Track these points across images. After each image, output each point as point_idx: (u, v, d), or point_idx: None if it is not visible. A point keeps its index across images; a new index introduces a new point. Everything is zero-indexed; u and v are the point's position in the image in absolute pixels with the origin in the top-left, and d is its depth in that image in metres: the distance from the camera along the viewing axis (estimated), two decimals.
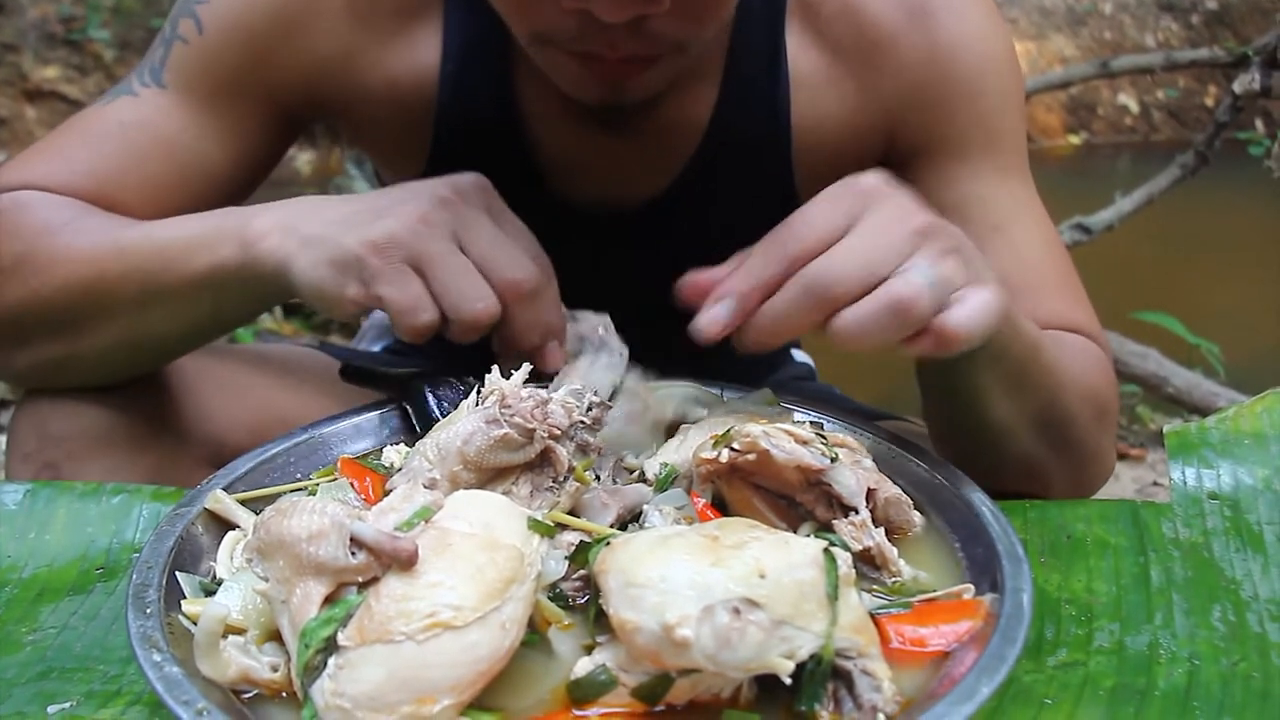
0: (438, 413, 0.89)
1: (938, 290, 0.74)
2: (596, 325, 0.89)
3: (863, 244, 0.75)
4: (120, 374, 0.98)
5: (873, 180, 0.79)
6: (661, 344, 0.90)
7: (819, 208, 0.78)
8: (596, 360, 0.88)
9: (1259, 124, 5.62)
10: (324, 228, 0.84)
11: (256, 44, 1.01)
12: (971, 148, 1.06)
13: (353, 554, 0.60)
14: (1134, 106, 7.01)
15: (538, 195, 0.91)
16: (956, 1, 1.05)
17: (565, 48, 0.87)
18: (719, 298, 0.78)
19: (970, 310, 0.75)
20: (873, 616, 0.65)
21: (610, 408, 0.81)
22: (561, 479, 0.74)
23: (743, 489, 0.76)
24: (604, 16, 0.79)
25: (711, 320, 0.78)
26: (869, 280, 0.74)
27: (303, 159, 5.50)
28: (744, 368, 0.93)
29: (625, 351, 0.91)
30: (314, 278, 0.83)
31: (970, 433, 0.91)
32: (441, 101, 0.99)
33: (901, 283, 0.73)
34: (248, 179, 1.02)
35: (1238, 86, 2.79)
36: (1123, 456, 2.95)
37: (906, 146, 1.08)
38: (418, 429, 0.90)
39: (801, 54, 1.05)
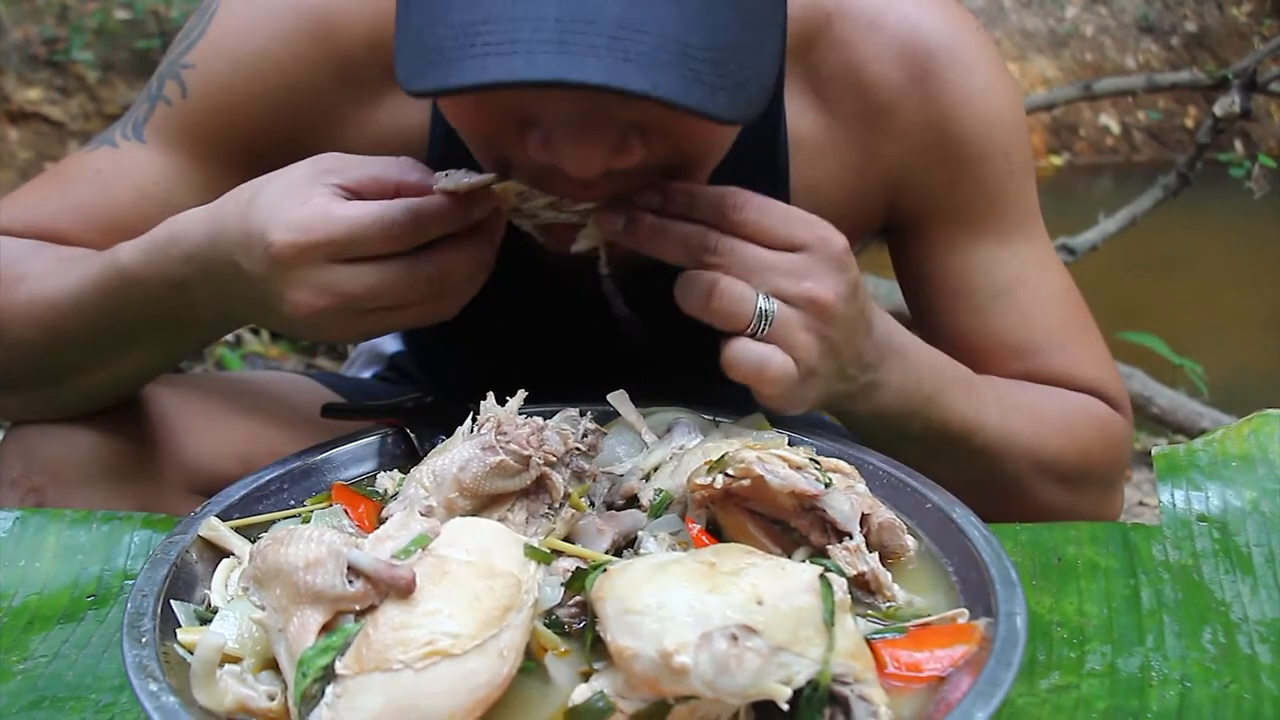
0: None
1: (768, 325, 0.78)
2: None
3: (774, 261, 0.79)
4: (105, 403, 1.00)
5: (842, 245, 0.81)
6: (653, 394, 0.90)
7: (794, 214, 0.81)
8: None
9: (1238, 145, 5.67)
10: (257, 314, 0.86)
11: (240, 110, 1.00)
12: (974, 213, 1.04)
13: (350, 582, 0.60)
14: (1115, 127, 7.07)
15: (528, 256, 0.89)
16: (962, 58, 1.01)
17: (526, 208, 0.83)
18: (653, 187, 0.81)
19: (749, 355, 0.78)
20: (868, 642, 0.65)
21: (605, 434, 0.81)
22: (557, 505, 0.75)
23: (737, 514, 0.76)
24: (572, 174, 0.76)
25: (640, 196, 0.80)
26: (741, 276, 0.78)
27: None
28: (735, 392, 0.93)
29: None
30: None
31: None
32: (431, 162, 0.98)
33: (739, 288, 0.77)
34: None
35: (1218, 109, 2.83)
36: None
37: (908, 211, 1.06)
38: (421, 454, 0.89)
39: (801, 116, 1.02)
